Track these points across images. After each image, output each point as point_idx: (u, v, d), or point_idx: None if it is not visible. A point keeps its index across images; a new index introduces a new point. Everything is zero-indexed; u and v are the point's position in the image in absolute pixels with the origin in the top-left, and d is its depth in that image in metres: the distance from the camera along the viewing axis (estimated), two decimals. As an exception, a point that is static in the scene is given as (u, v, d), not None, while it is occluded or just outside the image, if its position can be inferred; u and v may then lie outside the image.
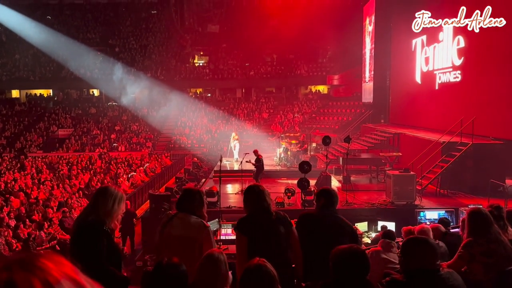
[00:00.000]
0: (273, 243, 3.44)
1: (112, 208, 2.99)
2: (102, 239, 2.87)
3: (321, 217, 3.83)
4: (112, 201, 3.00)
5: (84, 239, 2.91)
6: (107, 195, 3.01)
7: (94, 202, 3.02)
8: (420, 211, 9.87)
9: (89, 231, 2.90)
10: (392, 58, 21.39)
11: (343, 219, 3.86)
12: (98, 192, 3.08)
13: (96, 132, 29.76)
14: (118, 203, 3.02)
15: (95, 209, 2.98)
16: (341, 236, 3.58)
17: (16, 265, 0.64)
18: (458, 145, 12.67)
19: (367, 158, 15.39)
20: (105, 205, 2.98)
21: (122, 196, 3.06)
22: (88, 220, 2.94)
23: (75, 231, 3.01)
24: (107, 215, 2.97)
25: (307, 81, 33.95)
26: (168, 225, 3.43)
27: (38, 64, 34.32)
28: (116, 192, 3.04)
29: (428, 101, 17.14)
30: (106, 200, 2.99)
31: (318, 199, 3.97)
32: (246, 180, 13.40)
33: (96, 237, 2.87)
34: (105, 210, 2.97)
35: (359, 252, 2.26)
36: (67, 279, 0.64)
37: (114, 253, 2.99)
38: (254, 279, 2.23)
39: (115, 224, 3.04)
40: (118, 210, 3.02)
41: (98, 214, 2.95)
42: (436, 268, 2.35)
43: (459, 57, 14.99)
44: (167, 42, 36.59)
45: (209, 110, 31.15)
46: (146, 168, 21.07)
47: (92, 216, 2.95)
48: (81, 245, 2.93)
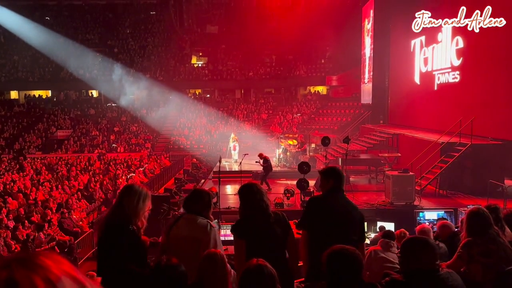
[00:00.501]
0: (271, 246, 3.29)
1: (137, 206, 2.98)
2: (124, 240, 2.89)
3: (332, 203, 3.52)
4: (137, 199, 2.99)
5: (107, 239, 2.94)
6: (132, 194, 3.00)
7: (120, 201, 3.03)
8: (419, 211, 9.87)
9: (113, 231, 2.93)
10: (391, 58, 21.42)
11: (353, 204, 3.65)
12: (123, 191, 3.08)
13: (95, 133, 29.74)
14: (143, 200, 3.01)
15: (121, 208, 2.99)
16: (351, 225, 3.44)
17: (17, 264, 0.64)
18: (457, 145, 12.68)
19: (366, 158, 15.40)
20: (130, 204, 2.98)
21: (147, 194, 3.05)
22: (114, 220, 2.97)
23: (101, 231, 3.04)
24: (133, 213, 2.97)
25: (306, 82, 33.97)
26: (175, 226, 3.41)
27: (37, 65, 34.29)
28: (140, 190, 3.04)
29: (427, 102, 17.16)
30: (132, 199, 2.99)
31: (326, 180, 3.62)
32: (245, 181, 13.40)
33: (119, 237, 2.89)
34: (130, 209, 2.97)
35: (350, 254, 2.26)
36: (68, 277, 0.65)
37: (140, 250, 3.00)
38: (254, 280, 2.23)
39: (141, 222, 3.04)
40: (144, 207, 3.02)
41: (124, 213, 2.96)
42: (435, 268, 2.35)
43: (458, 58, 15.02)
44: (166, 43, 36.59)
45: (208, 111, 31.15)
46: (145, 169, 21.06)
47: (118, 216, 2.97)
48: (104, 245, 2.97)
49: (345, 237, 3.26)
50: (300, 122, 29.00)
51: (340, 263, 2.22)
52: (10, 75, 34.00)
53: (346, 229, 3.40)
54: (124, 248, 2.87)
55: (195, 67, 35.97)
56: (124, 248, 2.87)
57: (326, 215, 3.47)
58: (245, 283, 2.24)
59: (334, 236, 3.20)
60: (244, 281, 2.25)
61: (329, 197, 3.58)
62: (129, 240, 2.91)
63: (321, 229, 3.42)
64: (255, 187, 3.54)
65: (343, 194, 3.65)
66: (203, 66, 35.99)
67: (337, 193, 3.59)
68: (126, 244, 2.89)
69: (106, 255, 2.92)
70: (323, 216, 3.48)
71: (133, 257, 2.91)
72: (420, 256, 2.36)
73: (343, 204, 3.55)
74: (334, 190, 3.58)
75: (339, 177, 3.62)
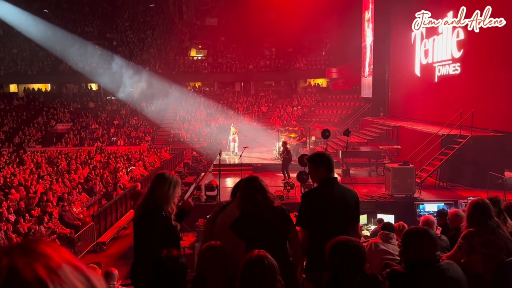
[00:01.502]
0: (272, 243, 3.08)
1: (168, 193, 3.17)
2: (158, 226, 3.09)
3: (329, 196, 3.34)
4: (168, 186, 3.17)
5: (141, 225, 3.14)
6: (164, 181, 3.19)
7: (152, 188, 3.22)
8: (419, 203, 9.91)
9: (147, 218, 3.12)
10: (391, 51, 21.33)
11: (348, 191, 3.50)
12: (155, 179, 3.26)
13: (95, 126, 29.72)
14: (173, 187, 3.21)
15: (153, 195, 3.18)
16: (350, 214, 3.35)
17: (17, 251, 0.64)
18: (457, 137, 12.68)
19: (367, 151, 15.40)
20: (162, 191, 3.16)
21: (177, 181, 3.26)
22: (147, 207, 3.16)
23: (136, 217, 3.26)
24: (164, 200, 3.15)
25: (306, 75, 33.87)
26: (222, 213, 3.46)
27: (36, 58, 34.16)
28: (171, 177, 3.24)
29: (428, 94, 17.13)
30: (163, 186, 3.17)
31: (316, 167, 3.42)
32: (245, 174, 13.40)
33: (154, 224, 3.08)
34: (162, 195, 3.15)
35: (353, 245, 2.26)
36: (68, 264, 0.65)
37: (172, 235, 3.19)
38: (254, 271, 2.23)
39: (172, 208, 3.22)
40: (174, 194, 3.22)
41: (156, 200, 3.14)
42: (435, 259, 2.35)
43: (458, 50, 14.96)
44: (165, 36, 36.42)
45: (208, 104, 31.10)
46: (145, 162, 21.06)
47: (151, 203, 3.16)
48: (138, 231, 3.18)
49: (344, 227, 3.25)
50: (300, 115, 28.96)
51: (344, 254, 2.22)
52: (9, 68, 33.91)
53: (345, 219, 3.35)
54: (158, 233, 3.06)
55: (195, 59, 35.84)
56: (158, 233, 3.06)
57: (324, 210, 3.32)
58: (246, 274, 2.25)
59: (334, 228, 3.18)
60: (244, 272, 2.26)
61: (324, 188, 3.39)
62: (163, 225, 3.10)
63: (320, 223, 3.28)
64: (258, 180, 3.34)
65: (337, 182, 3.49)
66: (203, 59, 35.86)
67: (332, 184, 3.41)
68: (160, 229, 3.08)
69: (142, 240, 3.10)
70: (321, 210, 3.32)
71: (167, 242, 3.04)
72: (421, 247, 2.36)
73: (340, 194, 3.38)
74: (329, 181, 3.40)
75: (329, 163, 3.42)
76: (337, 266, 2.23)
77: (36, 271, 0.61)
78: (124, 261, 10.70)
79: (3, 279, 0.60)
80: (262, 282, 2.20)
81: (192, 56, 36.36)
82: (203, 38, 36.72)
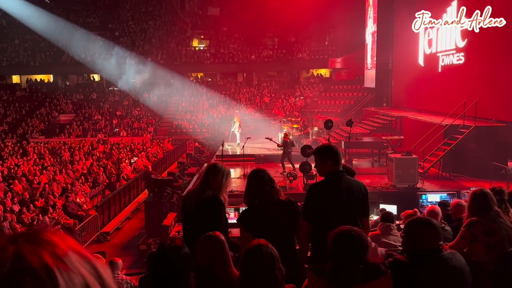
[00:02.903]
0: (279, 236, 3.07)
1: (221, 183, 3.34)
2: (224, 211, 3.31)
3: (335, 189, 3.28)
4: (221, 176, 3.34)
5: (209, 212, 3.27)
6: (216, 172, 3.36)
7: (206, 178, 3.38)
8: (422, 194, 9.89)
9: (213, 205, 3.28)
10: (395, 40, 21.17)
11: (355, 183, 3.42)
12: (208, 169, 3.44)
13: (98, 117, 29.75)
14: (226, 178, 3.39)
15: (208, 185, 3.33)
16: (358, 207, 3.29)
17: (23, 239, 0.64)
18: (460, 128, 12.63)
19: (369, 141, 15.37)
20: (215, 181, 3.33)
21: (229, 171, 3.46)
22: (208, 196, 3.30)
23: (196, 205, 3.33)
24: (218, 189, 3.33)
25: (309, 65, 33.68)
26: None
27: (38, 49, 34.09)
28: (224, 168, 3.42)
29: (431, 84, 17.03)
30: (217, 176, 3.34)
31: (323, 160, 3.34)
32: (248, 165, 13.42)
33: (221, 209, 3.29)
34: (216, 185, 3.32)
35: (356, 234, 2.26)
36: (74, 252, 0.65)
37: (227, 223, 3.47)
38: (255, 260, 2.24)
39: (224, 197, 3.39)
40: (226, 183, 3.41)
41: (212, 189, 3.31)
42: (438, 249, 2.35)
43: (462, 39, 14.83)
44: (167, 26, 36.23)
45: (210, 95, 31.04)
46: (148, 153, 21.11)
47: (209, 192, 3.31)
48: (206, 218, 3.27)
49: (352, 220, 3.18)
50: (303, 106, 28.87)
51: (346, 244, 2.22)
52: (11, 59, 33.86)
53: (353, 212, 3.29)
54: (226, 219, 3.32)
55: (197, 50, 35.68)
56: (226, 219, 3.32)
57: (330, 203, 3.25)
58: (246, 262, 2.26)
59: (340, 221, 3.13)
60: (245, 260, 2.27)
61: (331, 182, 3.31)
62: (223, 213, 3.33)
63: (326, 216, 3.23)
64: (265, 173, 3.30)
65: (345, 175, 3.39)
66: (205, 49, 35.68)
67: (340, 177, 3.31)
68: (224, 217, 3.32)
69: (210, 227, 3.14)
70: (327, 204, 3.26)
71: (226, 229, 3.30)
72: (424, 236, 2.37)
73: (347, 187, 3.30)
74: (336, 174, 3.30)
75: (337, 156, 3.33)
76: (339, 255, 2.23)
77: (43, 258, 0.61)
78: (127, 251, 10.80)
79: (9, 266, 0.60)
80: (261, 270, 2.22)
81: (194, 46, 36.19)
82: (205, 28, 36.49)
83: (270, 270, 2.23)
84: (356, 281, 2.17)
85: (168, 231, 9.77)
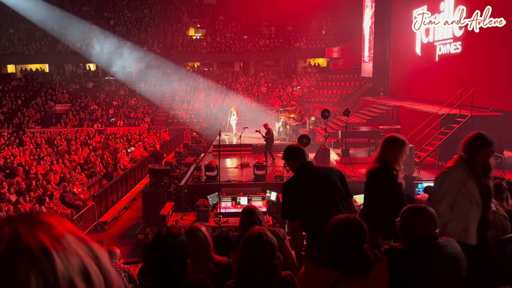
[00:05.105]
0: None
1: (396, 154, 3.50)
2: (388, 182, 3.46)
3: (306, 179, 3.41)
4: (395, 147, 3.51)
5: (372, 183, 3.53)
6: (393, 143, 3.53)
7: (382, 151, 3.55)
8: (418, 183, 9.93)
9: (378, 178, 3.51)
10: (392, 29, 21.08)
11: (326, 168, 3.60)
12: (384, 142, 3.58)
13: (94, 107, 29.59)
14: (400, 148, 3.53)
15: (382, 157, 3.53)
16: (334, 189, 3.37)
17: (20, 220, 0.64)
18: (457, 117, 12.66)
19: (366, 131, 15.37)
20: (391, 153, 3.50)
21: (404, 141, 3.57)
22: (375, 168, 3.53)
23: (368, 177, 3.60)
24: (394, 160, 3.49)
25: (306, 54, 33.53)
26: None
27: (32, 38, 33.77)
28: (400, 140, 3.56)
29: (428, 73, 17.01)
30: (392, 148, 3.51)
31: (287, 161, 3.59)
32: (245, 154, 13.45)
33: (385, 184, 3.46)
34: (391, 157, 3.49)
35: (355, 222, 2.27)
36: (71, 234, 0.64)
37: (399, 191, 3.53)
38: (254, 247, 2.25)
39: (399, 166, 3.53)
40: (402, 154, 3.54)
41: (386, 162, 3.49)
42: (434, 236, 2.37)
43: (460, 28, 14.78)
44: (163, 15, 35.90)
45: (207, 84, 30.89)
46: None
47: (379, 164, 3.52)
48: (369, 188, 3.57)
49: (335, 203, 3.30)
50: (300, 95, 28.81)
51: (345, 232, 2.23)
52: (6, 49, 33.54)
53: (334, 195, 3.36)
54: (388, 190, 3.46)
55: (193, 39, 35.42)
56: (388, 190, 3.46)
57: (309, 192, 3.34)
58: (245, 249, 2.27)
59: (325, 206, 3.23)
60: (244, 248, 2.28)
61: (302, 174, 3.44)
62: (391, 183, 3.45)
63: (310, 206, 3.31)
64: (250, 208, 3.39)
65: (312, 164, 3.57)
66: (201, 38, 35.43)
67: (308, 167, 3.47)
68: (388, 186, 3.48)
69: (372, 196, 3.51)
70: (306, 194, 3.34)
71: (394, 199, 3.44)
72: (419, 224, 2.38)
73: (321, 174, 3.45)
74: (304, 165, 3.45)
75: (294, 153, 3.51)
76: (338, 243, 2.25)
77: (39, 238, 0.61)
78: (125, 241, 10.84)
79: (5, 246, 0.59)
80: (260, 257, 2.23)
81: (191, 35, 35.92)
82: (202, 17, 36.20)
83: (269, 258, 2.24)
84: (370, 267, 2.20)
85: (165, 221, 9.80)
